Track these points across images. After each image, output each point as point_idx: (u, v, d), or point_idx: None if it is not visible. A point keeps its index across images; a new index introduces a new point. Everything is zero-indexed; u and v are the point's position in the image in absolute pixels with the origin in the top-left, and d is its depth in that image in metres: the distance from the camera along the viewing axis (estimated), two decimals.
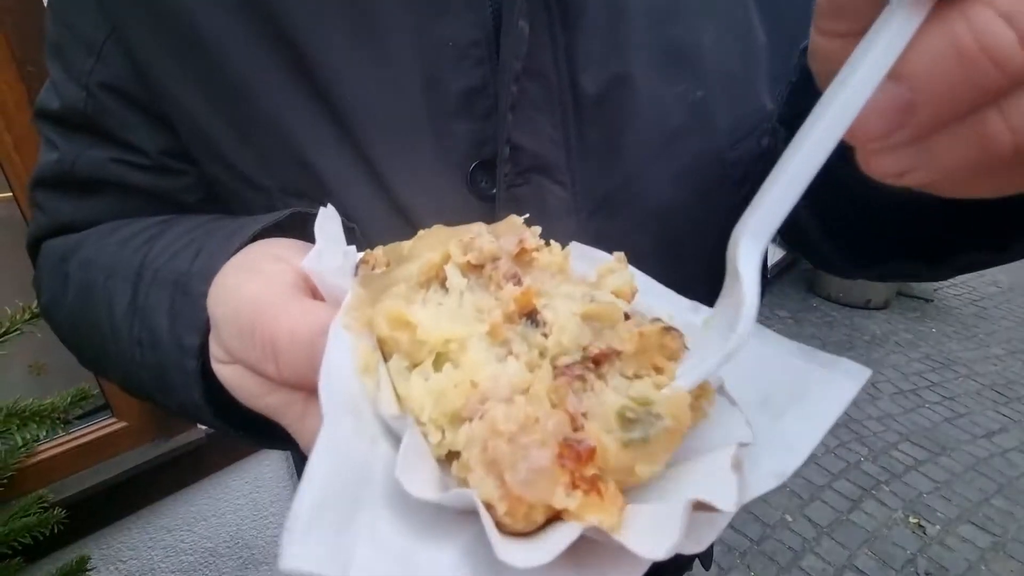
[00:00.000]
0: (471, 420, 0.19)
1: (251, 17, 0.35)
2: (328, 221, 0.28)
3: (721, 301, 0.21)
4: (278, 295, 0.25)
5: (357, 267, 0.28)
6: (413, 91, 0.37)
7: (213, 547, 1.49)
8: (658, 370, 0.21)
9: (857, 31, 0.16)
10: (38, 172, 0.45)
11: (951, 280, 4.51)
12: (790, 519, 2.19)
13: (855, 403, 2.99)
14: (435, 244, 0.25)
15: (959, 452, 2.57)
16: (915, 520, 2.19)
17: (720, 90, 0.40)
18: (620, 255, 0.26)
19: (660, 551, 0.15)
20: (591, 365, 0.21)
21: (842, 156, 0.17)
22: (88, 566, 0.90)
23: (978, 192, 0.18)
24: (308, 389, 0.24)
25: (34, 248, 0.48)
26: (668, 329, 0.22)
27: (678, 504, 0.16)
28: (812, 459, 2.47)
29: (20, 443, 0.64)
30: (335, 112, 0.37)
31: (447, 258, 0.24)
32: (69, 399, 0.68)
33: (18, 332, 0.70)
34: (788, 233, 0.44)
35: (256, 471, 1.52)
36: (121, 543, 1.31)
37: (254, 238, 0.31)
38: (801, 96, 0.18)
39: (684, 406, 0.19)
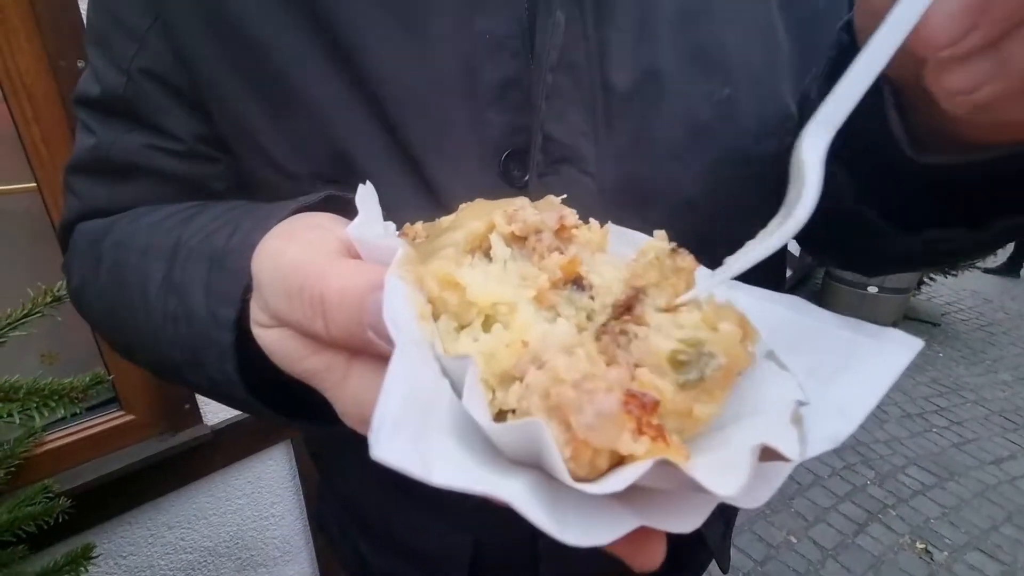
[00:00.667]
0: (522, 379, 0.19)
1: (293, 3, 0.37)
2: (367, 197, 0.29)
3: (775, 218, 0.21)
4: (324, 257, 0.25)
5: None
6: (451, 80, 0.38)
7: (213, 547, 1.48)
8: (679, 293, 0.21)
9: None
10: (74, 158, 0.46)
11: (959, 305, 4.50)
12: (795, 541, 2.16)
13: (862, 426, 2.95)
14: (479, 215, 0.26)
15: (967, 478, 2.53)
16: (922, 545, 2.15)
17: (745, 89, 0.41)
18: (662, 233, 0.26)
19: (730, 489, 0.15)
20: (627, 315, 0.21)
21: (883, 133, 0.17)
22: (92, 554, 0.90)
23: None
24: (354, 348, 0.24)
25: (65, 233, 0.49)
26: (675, 250, 0.23)
27: (744, 448, 0.16)
28: (818, 481, 2.46)
29: (39, 422, 0.64)
30: (372, 99, 0.38)
31: (491, 228, 0.25)
32: (88, 379, 0.69)
33: (39, 314, 0.71)
34: (834, 223, 0.41)
35: (259, 471, 1.51)
36: (122, 538, 1.30)
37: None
38: (840, 70, 0.19)
39: (736, 342, 0.19)
